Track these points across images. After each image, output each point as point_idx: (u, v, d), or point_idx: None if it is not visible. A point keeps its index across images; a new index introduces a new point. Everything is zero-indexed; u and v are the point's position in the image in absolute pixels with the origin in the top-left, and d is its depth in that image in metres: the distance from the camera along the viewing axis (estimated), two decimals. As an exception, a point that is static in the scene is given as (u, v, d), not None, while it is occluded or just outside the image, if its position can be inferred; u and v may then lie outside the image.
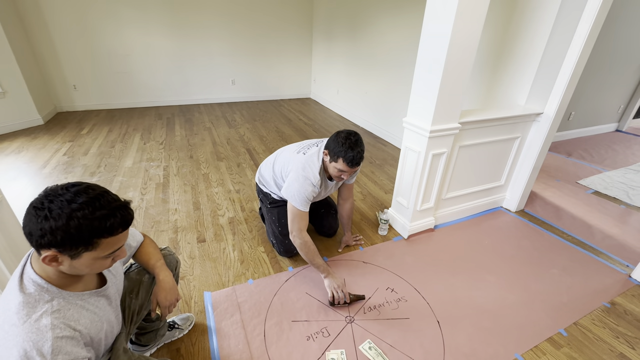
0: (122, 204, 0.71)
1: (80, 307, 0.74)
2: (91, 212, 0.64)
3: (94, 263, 0.70)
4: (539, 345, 1.37)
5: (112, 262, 0.75)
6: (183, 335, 1.35)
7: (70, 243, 0.64)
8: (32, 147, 3.27)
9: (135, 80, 4.74)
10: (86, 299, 0.76)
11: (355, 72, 4.35)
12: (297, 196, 1.48)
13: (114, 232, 0.68)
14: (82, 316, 0.73)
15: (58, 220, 0.62)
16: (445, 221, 2.22)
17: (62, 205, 0.63)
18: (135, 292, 1.05)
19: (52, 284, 0.70)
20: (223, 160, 3.13)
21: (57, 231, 0.62)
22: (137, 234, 1.06)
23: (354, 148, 1.40)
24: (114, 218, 0.67)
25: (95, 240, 0.66)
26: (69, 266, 0.68)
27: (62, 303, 0.70)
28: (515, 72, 2.15)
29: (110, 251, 0.71)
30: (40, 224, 0.62)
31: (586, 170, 3.18)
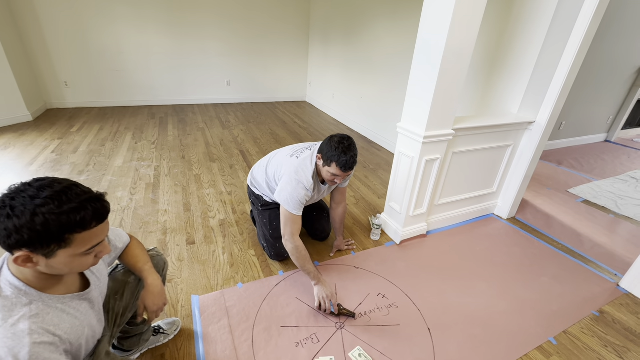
0: (93, 196, 0.66)
1: (60, 310, 0.70)
2: (57, 207, 0.60)
3: (73, 261, 0.66)
4: (528, 353, 1.37)
5: (96, 260, 0.72)
6: (168, 340, 1.32)
7: (40, 241, 0.60)
8: (20, 143, 3.19)
9: (129, 78, 4.69)
10: (67, 302, 0.73)
11: (351, 76, 4.36)
12: (290, 200, 1.46)
13: (87, 227, 0.64)
14: (62, 321, 0.69)
15: (21, 217, 0.58)
16: (437, 227, 2.22)
17: (25, 201, 0.59)
18: (120, 294, 1.02)
19: (31, 287, 0.67)
20: (216, 161, 3.09)
21: (22, 229, 0.58)
22: (123, 235, 1.03)
23: (347, 152, 1.39)
24: (85, 211, 0.63)
25: (66, 236, 0.62)
26: (46, 266, 0.65)
27: (41, 307, 0.67)
28: (508, 80, 2.17)
29: (88, 247, 0.67)
30: (3, 223, 0.58)
31: (576, 179, 3.23)
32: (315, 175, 1.53)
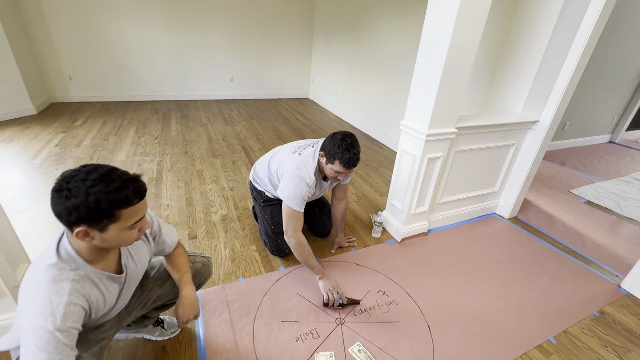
0: (132, 177, 0.76)
1: (94, 284, 0.79)
2: (105, 187, 0.69)
3: (122, 234, 0.76)
4: (528, 352, 1.37)
5: (139, 234, 0.81)
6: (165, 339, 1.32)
7: (94, 217, 0.70)
8: (24, 137, 3.21)
9: (133, 73, 4.70)
10: (102, 279, 0.82)
11: (354, 74, 4.35)
12: (293, 196, 1.47)
13: (131, 203, 0.73)
14: (92, 293, 0.79)
15: (78, 197, 0.67)
16: (439, 226, 2.22)
17: (78, 184, 0.68)
18: (162, 282, 1.11)
19: (81, 257, 0.77)
20: (218, 157, 3.10)
21: (79, 208, 0.68)
22: (173, 234, 1.09)
23: (350, 150, 1.39)
24: (127, 190, 0.72)
25: (115, 212, 0.71)
26: (101, 240, 0.74)
27: (83, 275, 0.77)
28: (513, 79, 2.16)
29: (133, 222, 0.76)
30: (64, 204, 0.68)
31: (579, 180, 3.21)
32: (318, 172, 1.54)
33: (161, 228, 1.05)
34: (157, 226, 1.03)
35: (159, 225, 1.04)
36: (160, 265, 1.16)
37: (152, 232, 1.01)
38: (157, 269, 1.15)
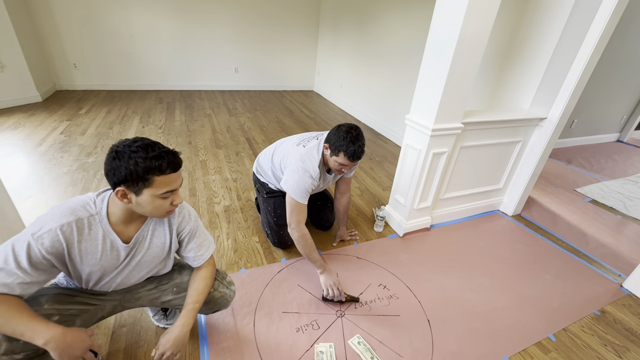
0: (170, 150, 0.84)
1: (97, 236, 0.86)
2: (145, 153, 0.79)
3: (154, 201, 0.83)
4: (527, 349, 1.38)
5: (172, 207, 0.88)
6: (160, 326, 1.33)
7: (131, 178, 0.79)
8: (29, 124, 3.23)
9: (138, 62, 4.68)
10: (107, 238, 0.88)
11: (360, 67, 4.30)
12: (297, 188, 1.47)
13: (164, 171, 0.81)
14: (88, 240, 0.85)
15: (122, 159, 0.78)
16: (441, 221, 2.22)
17: (125, 149, 0.79)
18: (177, 291, 1.10)
19: (107, 215, 0.87)
20: (222, 148, 3.10)
21: (121, 168, 0.78)
22: (204, 251, 1.05)
23: (355, 142, 1.38)
24: (162, 160, 0.81)
25: (149, 176, 0.80)
26: (136, 203, 0.83)
27: (94, 223, 0.85)
28: (521, 75, 2.13)
29: (164, 190, 0.83)
30: (111, 164, 0.79)
31: (585, 178, 3.18)
32: (322, 165, 1.53)
33: (196, 235, 1.03)
34: (192, 230, 1.02)
35: (195, 230, 1.03)
36: (187, 274, 1.12)
37: (183, 231, 1.00)
38: (182, 275, 1.12)
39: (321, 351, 1.27)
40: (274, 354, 1.25)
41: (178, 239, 1.02)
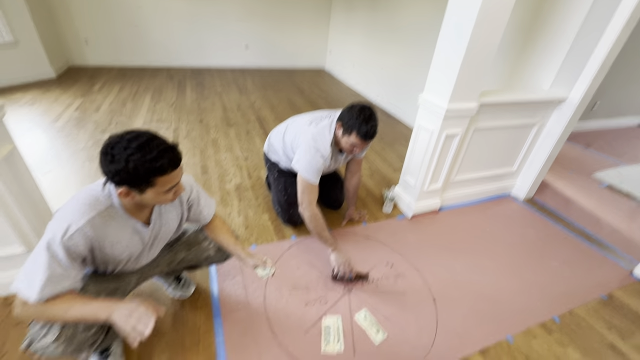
0: (168, 146, 0.80)
1: (118, 226, 0.88)
2: (142, 156, 0.75)
3: (158, 197, 0.84)
4: (531, 329, 1.40)
5: (174, 196, 0.89)
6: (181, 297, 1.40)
7: (133, 181, 0.77)
8: (45, 100, 3.28)
9: (148, 38, 4.64)
10: (128, 225, 0.90)
11: (373, 45, 4.17)
12: (308, 168, 1.47)
13: (165, 172, 0.79)
14: (112, 233, 0.87)
15: (119, 163, 0.74)
16: (451, 204, 2.21)
17: (120, 151, 0.75)
18: (188, 247, 1.20)
19: (121, 204, 0.87)
20: (232, 126, 3.11)
21: (120, 172, 0.75)
22: (210, 206, 1.15)
23: (368, 122, 1.36)
24: (162, 160, 0.78)
25: (151, 179, 0.78)
26: (140, 200, 0.84)
27: (112, 214, 0.86)
28: (543, 53, 2.03)
29: (168, 187, 0.83)
30: (108, 167, 0.76)
31: (603, 163, 3.09)
32: (333, 144, 1.53)
33: (200, 198, 1.10)
34: (196, 195, 1.09)
35: (197, 195, 1.09)
36: (192, 231, 1.22)
37: (189, 200, 1.07)
38: (187, 234, 1.22)
39: (328, 325, 1.33)
40: (283, 325, 1.31)
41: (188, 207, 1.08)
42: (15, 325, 1.21)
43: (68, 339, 0.85)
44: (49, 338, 0.82)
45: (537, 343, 1.34)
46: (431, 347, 1.28)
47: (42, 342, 0.82)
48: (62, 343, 0.84)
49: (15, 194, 1.17)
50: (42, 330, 0.82)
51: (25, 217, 1.22)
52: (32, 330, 0.84)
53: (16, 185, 1.19)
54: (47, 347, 0.83)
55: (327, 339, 1.27)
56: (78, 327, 0.87)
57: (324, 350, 1.23)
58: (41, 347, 0.82)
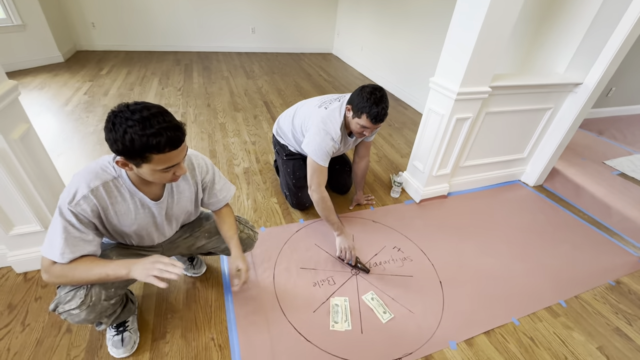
0: (172, 125, 0.76)
1: (125, 198, 0.88)
2: (141, 129, 0.72)
3: (154, 174, 0.81)
4: (537, 312, 1.42)
5: (175, 177, 0.86)
6: (193, 275, 1.44)
7: (129, 153, 0.75)
8: (54, 84, 3.30)
9: (154, 22, 4.59)
10: (136, 197, 0.91)
11: (382, 28, 4.07)
12: (318, 151, 1.47)
13: (161, 150, 0.75)
14: (119, 202, 0.88)
15: (117, 132, 0.72)
16: (459, 189, 2.20)
17: (121, 121, 0.72)
18: (209, 235, 1.22)
19: (129, 176, 0.87)
20: (240, 111, 3.10)
21: (117, 141, 0.73)
22: (226, 192, 1.15)
23: (378, 104, 1.35)
24: (160, 137, 0.74)
25: (146, 154, 0.75)
26: (137, 173, 0.82)
27: (119, 185, 0.87)
28: (560, 35, 1.97)
29: (164, 167, 0.79)
30: (108, 134, 0.75)
31: (616, 150, 3.02)
32: (343, 127, 1.52)
33: (215, 182, 1.10)
34: (211, 178, 1.09)
35: (213, 177, 1.09)
36: (213, 220, 1.23)
37: (204, 182, 1.07)
38: (210, 221, 1.23)
39: (336, 304, 1.35)
40: (292, 304, 1.34)
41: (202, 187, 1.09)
42: (35, 300, 1.26)
43: (91, 306, 0.89)
44: (73, 303, 0.87)
45: (542, 326, 1.36)
46: (437, 328, 1.31)
47: (66, 306, 0.87)
48: (84, 309, 0.88)
49: (32, 173, 1.20)
50: (68, 296, 0.87)
51: (42, 196, 1.25)
52: (59, 295, 0.89)
53: (33, 165, 1.21)
54: (70, 311, 0.87)
55: (335, 317, 1.30)
56: (101, 295, 0.91)
57: (332, 328, 1.26)
58: (65, 311, 0.87)
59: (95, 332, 1.17)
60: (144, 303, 1.29)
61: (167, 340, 1.18)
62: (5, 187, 1.15)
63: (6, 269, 1.37)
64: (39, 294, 1.28)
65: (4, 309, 1.22)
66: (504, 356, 1.24)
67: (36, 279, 1.34)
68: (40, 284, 1.32)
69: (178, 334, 1.20)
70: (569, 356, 1.26)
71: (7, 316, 1.20)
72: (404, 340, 1.25)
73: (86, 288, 0.89)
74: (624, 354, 1.29)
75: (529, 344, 1.29)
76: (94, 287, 0.90)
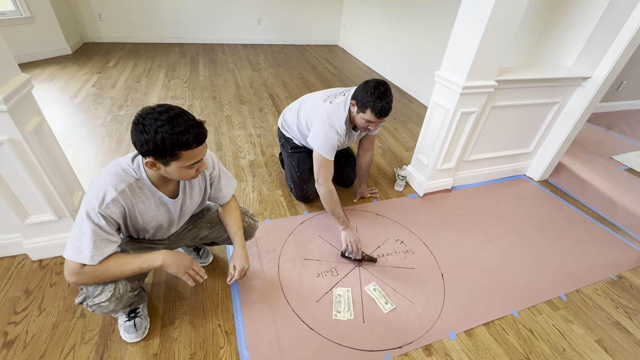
0: (195, 122, 0.84)
1: (146, 197, 0.95)
2: (171, 128, 0.79)
3: (181, 171, 0.87)
4: (536, 305, 1.44)
5: (196, 174, 0.93)
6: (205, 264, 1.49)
7: (159, 152, 0.81)
8: (63, 76, 3.34)
9: (160, 14, 4.59)
10: (156, 197, 0.97)
11: (389, 19, 4.03)
12: (324, 145, 1.49)
13: (190, 147, 0.83)
14: (141, 202, 0.94)
15: (148, 133, 0.78)
16: (463, 183, 2.21)
17: (151, 122, 0.79)
18: (211, 226, 1.27)
19: (148, 176, 0.92)
20: (245, 103, 3.12)
21: (149, 142, 0.79)
22: (230, 186, 1.19)
23: (382, 98, 1.36)
24: (188, 134, 0.81)
25: (176, 151, 0.82)
26: (164, 172, 0.88)
27: (141, 185, 0.92)
28: (568, 28, 1.94)
29: (191, 162, 0.86)
30: (138, 137, 0.80)
31: (624, 145, 2.99)
32: (348, 121, 1.53)
33: (221, 177, 1.15)
34: (217, 173, 1.13)
35: (219, 173, 1.14)
36: (214, 210, 1.28)
37: (211, 177, 1.12)
38: (211, 212, 1.27)
39: (339, 294, 1.39)
40: (296, 293, 1.38)
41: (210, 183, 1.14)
42: (50, 286, 1.32)
43: (119, 298, 0.95)
44: (103, 297, 0.92)
45: (541, 318, 1.38)
46: (437, 318, 1.34)
47: (96, 299, 0.92)
48: (113, 302, 0.94)
49: (45, 164, 1.24)
50: (96, 290, 0.92)
51: (55, 187, 1.29)
52: (86, 289, 0.93)
53: (47, 156, 1.25)
54: (100, 304, 0.93)
55: (338, 307, 1.34)
56: (127, 287, 0.96)
57: (335, 317, 1.30)
58: (95, 304, 0.93)
59: (107, 317, 1.22)
60: (153, 291, 1.34)
61: (176, 326, 1.22)
62: (21, 178, 1.20)
63: (22, 256, 1.43)
64: (54, 280, 1.34)
65: (21, 294, 1.28)
66: (502, 347, 1.26)
67: (51, 266, 1.39)
68: (54, 271, 1.38)
69: (186, 320, 1.25)
70: (567, 348, 1.28)
71: (24, 301, 1.26)
72: (405, 330, 1.28)
73: (114, 282, 0.94)
74: (622, 347, 1.30)
75: (528, 336, 1.31)
76: (120, 281, 0.95)
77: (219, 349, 1.17)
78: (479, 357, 1.22)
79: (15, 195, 1.24)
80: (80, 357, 1.10)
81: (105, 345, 1.14)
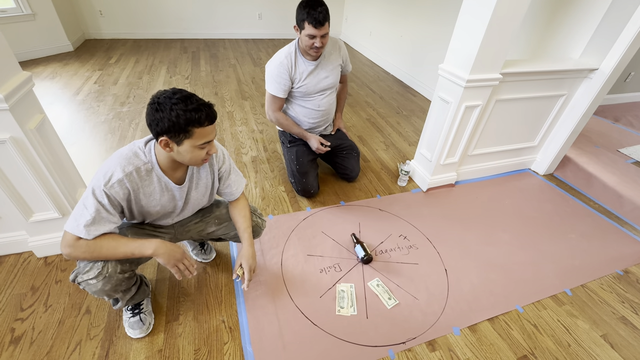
0: (206, 103, 0.88)
1: (152, 181, 0.97)
2: (185, 106, 0.83)
3: (193, 151, 0.90)
4: (541, 300, 1.43)
5: (207, 156, 0.95)
6: (204, 261, 1.48)
7: (174, 129, 0.84)
8: (65, 73, 3.35)
9: (161, 9, 4.56)
10: (162, 183, 0.99)
11: (392, 11, 3.97)
12: (269, 79, 1.64)
13: (202, 124, 0.86)
14: (147, 185, 0.96)
15: (164, 111, 0.83)
16: (467, 178, 2.19)
17: (166, 100, 0.83)
18: (219, 222, 1.26)
19: (157, 161, 0.95)
20: (247, 99, 3.10)
21: (164, 119, 0.83)
22: (239, 184, 1.20)
23: (315, 7, 1.42)
24: (201, 112, 0.85)
25: (189, 128, 0.85)
26: (177, 152, 0.90)
27: (149, 169, 0.95)
28: (575, 19, 1.89)
29: (202, 142, 0.89)
30: (154, 115, 0.84)
31: (632, 138, 2.94)
32: (297, 50, 1.62)
33: (230, 172, 1.16)
34: (227, 169, 1.14)
35: (229, 168, 1.15)
36: (224, 207, 1.27)
37: (220, 171, 1.13)
38: (220, 208, 1.27)
39: (342, 290, 1.39)
40: (299, 289, 1.38)
41: (218, 177, 1.14)
42: (56, 282, 1.33)
43: (107, 277, 0.95)
44: (91, 274, 0.93)
45: (546, 314, 1.37)
46: (441, 314, 1.33)
47: (84, 276, 0.94)
48: (101, 280, 0.94)
49: (48, 162, 1.24)
50: (87, 266, 0.94)
51: (58, 185, 1.29)
52: (78, 265, 0.96)
53: (49, 154, 1.25)
54: (88, 280, 0.94)
55: (341, 303, 1.34)
56: (116, 268, 0.97)
57: (338, 313, 1.30)
58: (84, 280, 0.94)
59: (113, 313, 1.23)
60: (157, 287, 1.35)
61: (180, 322, 1.23)
62: (24, 176, 1.20)
63: (27, 253, 1.44)
64: (59, 277, 1.35)
65: (27, 290, 1.29)
66: (507, 342, 1.26)
67: (56, 263, 1.41)
68: (60, 267, 1.39)
69: (190, 316, 1.25)
70: (572, 343, 1.27)
71: (30, 297, 1.27)
72: (408, 326, 1.28)
73: (104, 261, 0.95)
74: (628, 342, 1.29)
75: (532, 331, 1.30)
76: (110, 261, 0.96)
77: (223, 344, 1.17)
78: (483, 353, 1.22)
79: (19, 193, 1.24)
80: (86, 353, 1.11)
81: (111, 341, 1.15)
